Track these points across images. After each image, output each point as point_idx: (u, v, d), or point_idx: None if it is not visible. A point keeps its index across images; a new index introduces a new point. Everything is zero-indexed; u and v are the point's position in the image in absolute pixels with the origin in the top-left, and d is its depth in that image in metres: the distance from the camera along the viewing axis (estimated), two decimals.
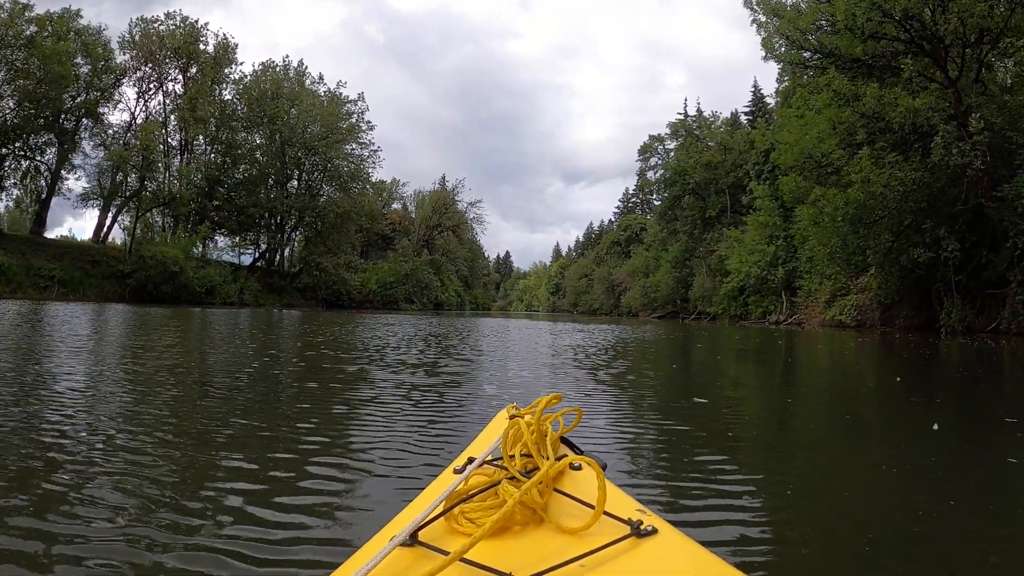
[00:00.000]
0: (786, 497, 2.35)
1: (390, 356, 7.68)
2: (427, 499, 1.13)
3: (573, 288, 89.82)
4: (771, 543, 1.87)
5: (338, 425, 3.42)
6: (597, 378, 6.15)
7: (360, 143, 52.82)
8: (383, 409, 3.88)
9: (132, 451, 2.59)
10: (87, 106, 40.38)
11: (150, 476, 2.24)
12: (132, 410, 3.53)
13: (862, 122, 17.28)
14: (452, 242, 70.89)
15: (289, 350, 8.66)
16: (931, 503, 2.22)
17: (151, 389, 4.35)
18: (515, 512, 0.96)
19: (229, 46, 47.41)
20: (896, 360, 10.64)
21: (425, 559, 0.87)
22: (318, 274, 48.64)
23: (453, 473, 1.28)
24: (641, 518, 0.97)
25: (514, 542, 0.94)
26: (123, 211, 42.93)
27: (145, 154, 38.82)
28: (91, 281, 36.29)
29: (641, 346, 12.45)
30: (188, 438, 2.88)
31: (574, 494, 1.06)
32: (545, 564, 0.83)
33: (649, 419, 3.90)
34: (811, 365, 9.80)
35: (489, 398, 4.58)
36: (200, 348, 8.56)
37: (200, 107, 42.80)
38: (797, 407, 5.13)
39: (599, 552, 0.87)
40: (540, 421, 1.35)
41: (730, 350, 12.93)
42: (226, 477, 2.31)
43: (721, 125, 50.12)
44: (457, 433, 3.23)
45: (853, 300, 24.95)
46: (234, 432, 3.10)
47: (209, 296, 38.41)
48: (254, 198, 47.46)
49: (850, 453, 3.27)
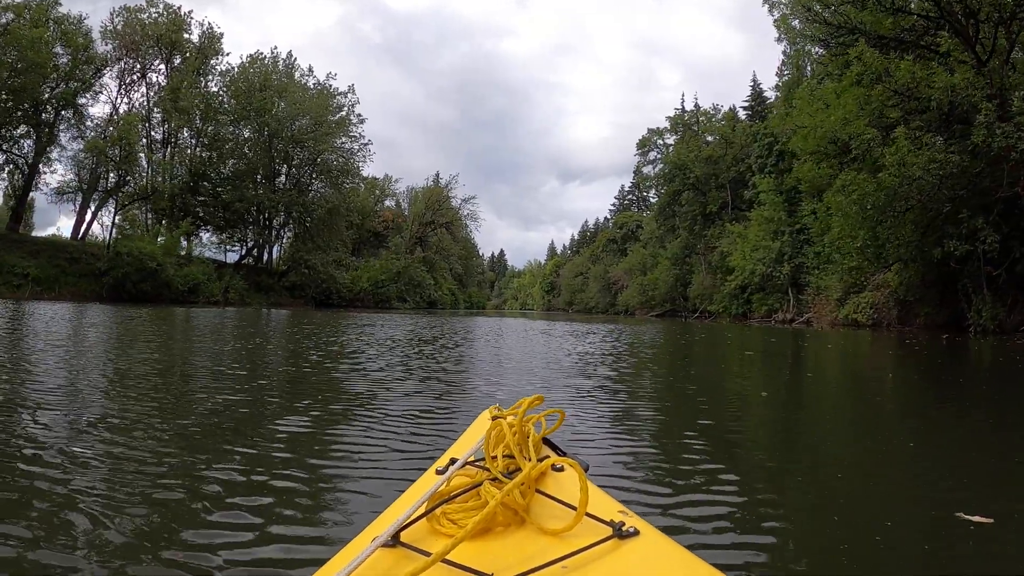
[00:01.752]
0: (771, 499, 2.36)
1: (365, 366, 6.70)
2: (409, 499, 1.13)
3: (568, 287, 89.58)
4: (753, 545, 1.87)
5: (317, 426, 3.39)
6: (599, 381, 5.84)
7: (350, 136, 51.29)
8: (365, 411, 3.82)
9: (113, 451, 2.61)
10: (65, 96, 38.65)
11: (133, 476, 2.27)
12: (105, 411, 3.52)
13: (894, 100, 15.88)
14: (446, 239, 69.37)
15: (266, 353, 8.10)
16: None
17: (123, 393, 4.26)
18: (497, 513, 0.96)
19: (215, 36, 45.79)
20: (955, 366, 9.48)
21: (407, 560, 0.87)
22: (306, 272, 46.84)
23: (435, 474, 1.28)
24: (623, 519, 0.97)
25: (496, 543, 0.94)
26: (104, 207, 41.47)
27: (123, 146, 37.15)
28: (68, 279, 34.94)
29: (664, 351, 11.27)
30: (172, 441, 2.87)
31: (556, 495, 1.06)
32: (527, 565, 0.83)
33: (634, 422, 3.87)
34: (850, 371, 8.60)
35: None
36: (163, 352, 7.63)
37: (183, 97, 41.07)
38: (809, 414, 4.88)
39: (581, 553, 0.87)
40: (522, 422, 1.30)
41: (754, 357, 11.66)
42: (207, 477, 2.32)
43: (722, 119, 48.90)
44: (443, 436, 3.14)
45: (869, 298, 23.65)
46: (213, 432, 3.10)
47: (192, 295, 36.89)
48: (240, 193, 45.84)
49: (857, 466, 3.03)
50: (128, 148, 37.70)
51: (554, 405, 2.35)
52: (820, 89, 20.52)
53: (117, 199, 39.69)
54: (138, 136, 39.35)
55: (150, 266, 33.09)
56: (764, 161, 39.20)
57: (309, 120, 48.14)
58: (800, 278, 33.46)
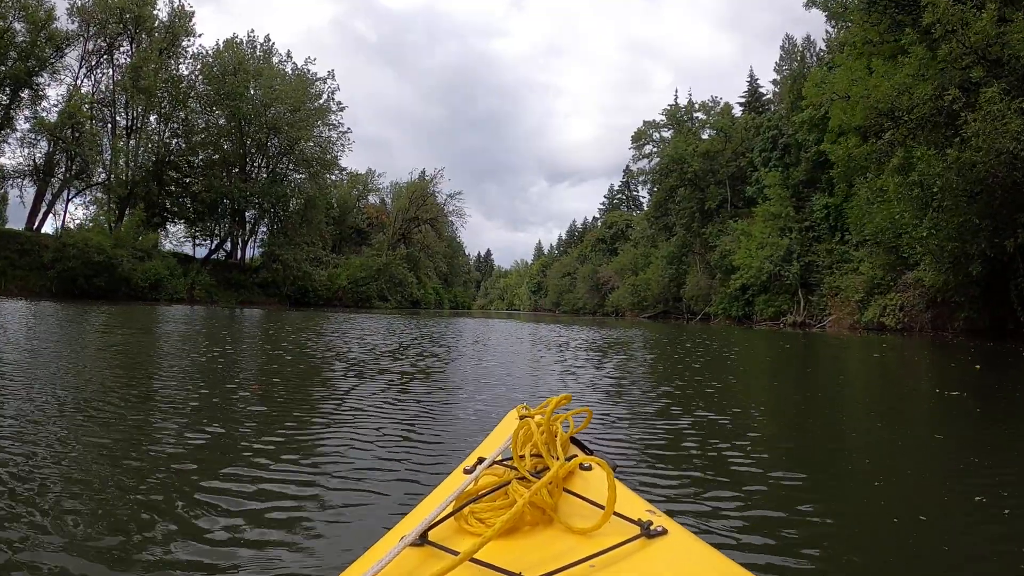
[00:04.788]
0: (800, 500, 2.29)
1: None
2: (437, 499, 1.12)
3: (555, 287, 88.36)
4: (782, 545, 1.86)
5: (342, 427, 3.38)
6: (613, 383, 5.85)
7: (328, 124, 48.40)
8: (397, 411, 3.90)
9: (129, 454, 2.65)
10: (16, 73, 35.16)
11: (151, 482, 2.26)
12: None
13: (969, 59, 13.42)
14: (430, 236, 66.55)
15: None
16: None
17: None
18: (525, 512, 0.96)
19: (185, 14, 42.73)
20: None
21: (435, 559, 0.87)
22: (278, 268, 43.82)
23: (463, 473, 1.28)
24: (651, 518, 0.97)
25: (524, 542, 0.93)
26: (60, 195, 38.22)
27: (75, 125, 34.02)
28: (16, 273, 32.21)
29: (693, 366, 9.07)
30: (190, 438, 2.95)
31: (584, 494, 1.06)
32: (555, 564, 0.83)
33: (661, 422, 3.78)
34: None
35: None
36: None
37: (144, 76, 37.93)
38: (849, 420, 4.44)
39: (609, 552, 0.87)
40: (550, 421, 1.30)
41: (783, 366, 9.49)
42: (232, 476, 2.37)
43: (719, 113, 46.73)
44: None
45: (897, 299, 21.33)
46: (235, 432, 3.16)
47: (154, 292, 34.13)
48: (209, 182, 42.86)
49: (877, 459, 3.11)
50: (79, 129, 34.51)
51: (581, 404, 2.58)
52: (870, 50, 17.62)
53: (69, 187, 36.55)
54: (87, 115, 36.00)
55: (97, 259, 30.11)
56: (768, 155, 37.13)
57: (286, 106, 45.22)
58: (810, 278, 31.18)
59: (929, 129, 14.45)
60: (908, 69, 14.80)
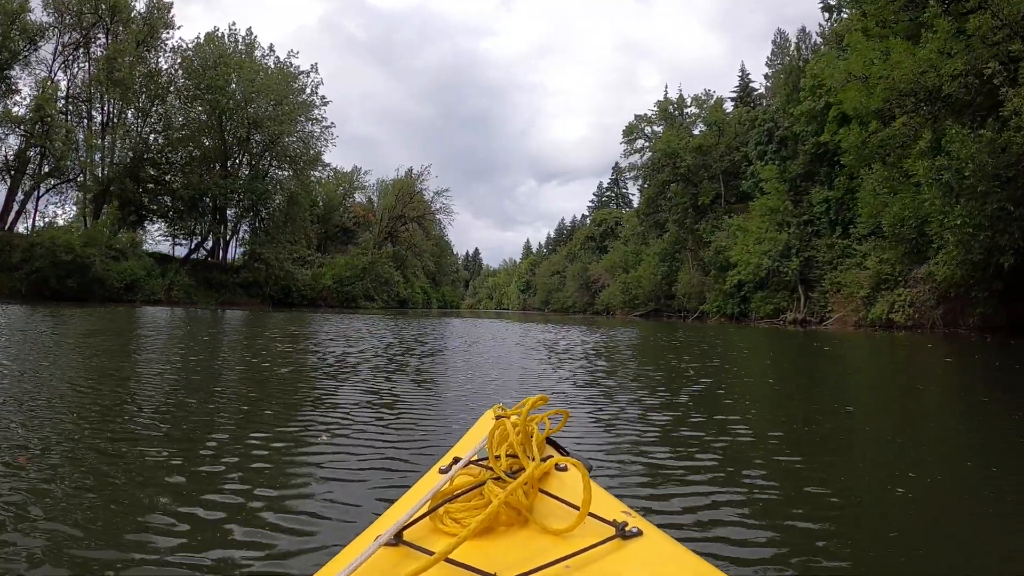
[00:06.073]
0: (774, 501, 2.29)
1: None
2: (412, 499, 1.11)
3: (544, 286, 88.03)
4: (756, 545, 1.84)
5: (317, 426, 3.36)
6: (594, 384, 5.74)
7: (311, 119, 47.02)
8: (364, 413, 3.81)
9: (108, 458, 2.56)
10: None
11: (131, 479, 2.25)
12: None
13: (1003, 32, 12.44)
14: (417, 235, 65.25)
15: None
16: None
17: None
18: (500, 512, 0.95)
19: (164, 5, 41.19)
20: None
21: (410, 559, 0.86)
22: (260, 267, 42.37)
23: (438, 473, 1.26)
24: (626, 519, 0.97)
25: (499, 542, 0.93)
26: (34, 193, 36.57)
27: (43, 119, 32.48)
28: None
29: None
30: (171, 443, 2.84)
31: (559, 495, 1.05)
32: (530, 564, 0.82)
33: (636, 423, 3.77)
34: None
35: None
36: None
37: (119, 67, 36.42)
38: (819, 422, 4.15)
39: (584, 553, 0.86)
40: (526, 422, 1.30)
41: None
42: (208, 479, 2.31)
43: (712, 107, 45.91)
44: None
45: (906, 295, 20.52)
46: (210, 433, 3.08)
47: (130, 292, 32.67)
48: (188, 179, 41.38)
49: (854, 458, 3.12)
50: (48, 123, 32.98)
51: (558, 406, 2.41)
52: (881, 31, 16.62)
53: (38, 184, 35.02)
54: (56, 107, 34.44)
55: (65, 259, 28.66)
56: (764, 148, 36.38)
57: (268, 100, 43.81)
58: (810, 274, 30.38)
59: (959, 108, 13.52)
60: (933, 44, 13.80)
